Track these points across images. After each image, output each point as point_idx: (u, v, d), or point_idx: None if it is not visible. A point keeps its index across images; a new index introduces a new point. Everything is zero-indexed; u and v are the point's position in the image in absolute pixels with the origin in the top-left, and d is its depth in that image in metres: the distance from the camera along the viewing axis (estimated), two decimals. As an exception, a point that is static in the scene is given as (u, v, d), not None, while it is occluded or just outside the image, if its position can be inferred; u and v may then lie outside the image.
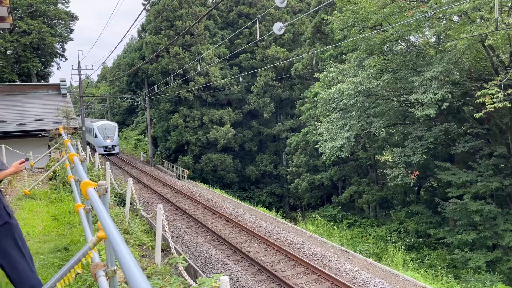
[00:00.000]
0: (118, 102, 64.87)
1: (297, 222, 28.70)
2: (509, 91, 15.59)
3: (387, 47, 23.48)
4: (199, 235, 15.95)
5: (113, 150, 46.68)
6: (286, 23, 14.55)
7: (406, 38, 22.81)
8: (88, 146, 21.60)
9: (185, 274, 5.48)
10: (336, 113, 25.19)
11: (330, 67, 26.28)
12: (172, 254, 5.69)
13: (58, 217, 8.24)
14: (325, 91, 24.52)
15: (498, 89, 15.64)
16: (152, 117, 47.12)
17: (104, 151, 45.12)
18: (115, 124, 48.85)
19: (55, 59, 40.63)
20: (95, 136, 46.15)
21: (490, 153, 20.14)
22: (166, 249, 12.20)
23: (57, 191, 10.48)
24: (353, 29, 23.21)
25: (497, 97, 15.40)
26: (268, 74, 40.90)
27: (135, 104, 55.69)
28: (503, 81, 15.91)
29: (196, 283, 4.21)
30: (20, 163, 4.27)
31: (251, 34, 43.47)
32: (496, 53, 18.90)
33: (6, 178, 3.76)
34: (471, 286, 16.57)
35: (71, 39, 41.02)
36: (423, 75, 18.84)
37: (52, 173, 11.18)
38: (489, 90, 15.96)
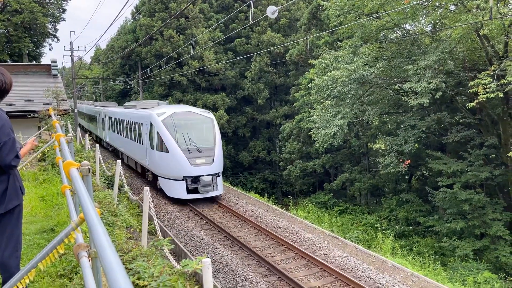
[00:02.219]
0: (111, 85, 64.22)
1: (289, 208, 28.86)
2: (502, 81, 15.60)
3: (383, 35, 23.36)
4: (190, 219, 15.96)
5: (215, 188, 17.43)
6: (280, 7, 14.37)
7: (402, 26, 22.69)
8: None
9: (170, 257, 5.49)
10: (330, 100, 25.15)
11: (325, 53, 26.15)
12: (158, 237, 5.68)
13: (46, 199, 8.19)
14: (319, 77, 24.44)
15: (491, 79, 15.66)
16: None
17: (189, 191, 16.90)
18: (211, 116, 18.79)
19: (47, 39, 40.02)
20: (159, 148, 17.30)
21: (481, 143, 20.27)
22: (155, 232, 12.21)
23: (45, 172, 10.40)
24: (349, 16, 23.04)
25: (490, 87, 15.43)
26: (263, 60, 40.65)
27: (129, 87, 55.21)
28: (496, 71, 15.92)
29: (180, 265, 4.21)
30: (34, 141, 4.37)
31: (246, 19, 43.03)
32: (491, 43, 18.87)
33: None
34: (457, 274, 16.82)
35: (64, 20, 40.40)
36: (417, 63, 18.79)
37: (41, 154, 11.09)
38: (482, 80, 15.98)
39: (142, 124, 18.92)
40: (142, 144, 18.93)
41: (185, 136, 16.89)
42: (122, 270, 1.46)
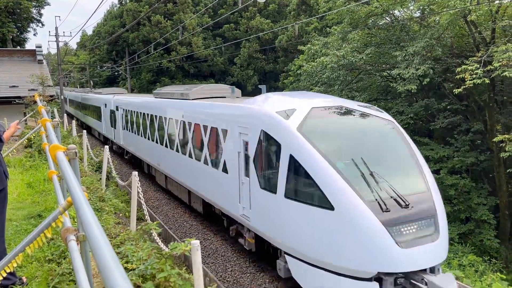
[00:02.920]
0: (98, 71, 63.28)
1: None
2: (488, 67, 15.74)
3: (372, 21, 23.35)
4: (180, 206, 15.99)
5: None
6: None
7: (391, 12, 22.69)
8: None
9: (158, 240, 5.51)
10: (319, 86, 25.16)
11: (315, 39, 26.08)
12: (146, 221, 5.68)
13: (32, 185, 8.12)
14: (308, 64, 24.41)
15: (478, 65, 15.78)
16: (133, 87, 46.27)
17: None
18: (388, 117, 8.70)
19: (31, 24, 39.21)
20: (298, 194, 6.86)
21: (468, 129, 20.51)
22: (143, 218, 12.19)
23: (32, 159, 10.29)
24: (338, 1, 22.96)
25: (476, 73, 15.56)
26: (252, 46, 40.40)
27: (116, 73, 54.43)
28: (483, 58, 16.04)
29: (169, 248, 4.23)
30: (17, 124, 4.40)
31: (235, 4, 42.63)
32: (478, 29, 18.97)
33: None
34: (443, 257, 17.13)
35: (48, 4, 39.51)
36: (406, 50, 18.84)
37: (27, 140, 10.93)
38: (469, 66, 16.10)
39: (227, 130, 9.37)
40: (227, 172, 9.47)
41: (363, 168, 6.85)
42: (111, 250, 1.46)
